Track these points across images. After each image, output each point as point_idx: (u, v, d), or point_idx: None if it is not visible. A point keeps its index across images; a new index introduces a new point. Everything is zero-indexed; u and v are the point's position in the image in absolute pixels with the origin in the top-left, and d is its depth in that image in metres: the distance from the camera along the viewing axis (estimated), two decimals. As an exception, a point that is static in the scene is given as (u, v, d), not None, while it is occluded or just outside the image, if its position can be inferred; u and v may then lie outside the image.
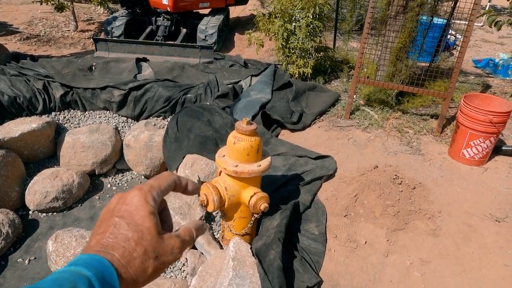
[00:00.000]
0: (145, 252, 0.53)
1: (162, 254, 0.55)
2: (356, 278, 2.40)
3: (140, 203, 0.56)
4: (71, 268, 0.47)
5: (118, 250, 0.51)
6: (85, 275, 0.46)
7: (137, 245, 0.53)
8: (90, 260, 0.49)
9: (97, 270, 0.47)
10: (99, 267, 0.48)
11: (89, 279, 0.46)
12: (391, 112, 4.27)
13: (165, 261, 0.55)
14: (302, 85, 4.72)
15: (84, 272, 0.46)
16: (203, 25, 7.09)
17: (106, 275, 0.48)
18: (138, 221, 0.54)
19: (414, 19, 4.00)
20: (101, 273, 0.47)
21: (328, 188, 3.15)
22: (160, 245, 0.55)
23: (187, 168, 3.51)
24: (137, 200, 0.56)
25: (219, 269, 2.47)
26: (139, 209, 0.55)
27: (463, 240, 2.63)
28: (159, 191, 0.59)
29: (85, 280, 0.45)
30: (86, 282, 0.45)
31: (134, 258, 0.52)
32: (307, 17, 4.74)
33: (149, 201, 0.56)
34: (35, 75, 4.91)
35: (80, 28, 8.40)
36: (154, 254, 0.54)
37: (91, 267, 0.47)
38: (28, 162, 4.33)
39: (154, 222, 0.55)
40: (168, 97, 4.74)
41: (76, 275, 0.46)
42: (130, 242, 0.52)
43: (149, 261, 0.53)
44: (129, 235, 0.53)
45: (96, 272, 0.47)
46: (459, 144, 3.42)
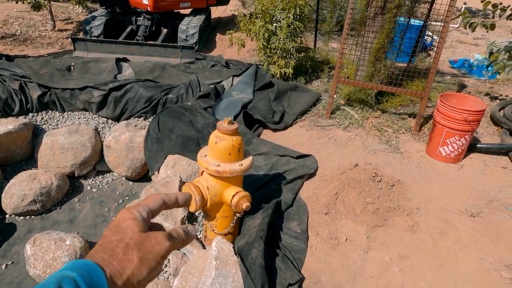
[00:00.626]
0: (127, 245, 0.55)
1: (146, 244, 0.56)
2: (337, 274, 2.44)
3: (125, 215, 0.60)
4: (57, 272, 0.49)
5: (101, 251, 0.54)
6: (70, 276, 0.48)
7: (119, 242, 0.55)
8: (75, 263, 0.50)
9: (82, 270, 0.49)
10: (84, 268, 0.49)
11: (74, 279, 0.47)
12: (370, 112, 4.35)
13: (150, 250, 0.56)
14: (283, 85, 4.76)
15: (69, 273, 0.48)
16: (184, 25, 7.06)
17: (93, 275, 0.49)
18: (121, 227, 0.58)
19: (392, 20, 4.09)
20: (86, 273, 0.49)
21: (310, 186, 3.19)
22: (141, 237, 0.57)
23: (169, 169, 3.49)
24: (122, 214, 0.60)
25: (201, 269, 2.47)
26: (124, 219, 0.59)
27: (440, 235, 2.70)
28: (147, 207, 0.63)
29: (69, 280, 0.47)
30: (71, 281, 0.47)
31: (116, 252, 0.53)
32: (288, 17, 4.78)
33: (134, 213, 0.60)
34: (11, 75, 4.79)
35: (58, 28, 8.23)
36: (136, 246, 0.55)
37: (76, 269, 0.49)
38: (4, 164, 4.23)
39: (137, 224, 0.58)
40: (149, 98, 4.70)
41: (61, 276, 0.48)
42: (113, 242, 0.55)
43: (132, 252, 0.54)
44: (113, 238, 0.56)
45: (81, 272, 0.48)
46: (436, 142, 3.51)
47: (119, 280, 0.52)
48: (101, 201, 4.08)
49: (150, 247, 0.56)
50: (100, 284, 0.49)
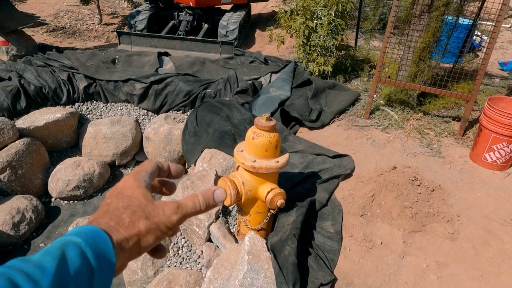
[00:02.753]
0: (133, 212, 0.53)
1: (154, 215, 0.54)
2: (371, 277, 2.39)
3: (130, 181, 0.58)
4: (60, 238, 0.48)
5: (106, 216, 0.52)
6: (74, 241, 0.46)
7: (125, 209, 0.53)
8: (79, 229, 0.49)
9: (87, 236, 0.47)
10: (90, 234, 0.48)
11: (79, 244, 0.46)
12: (411, 113, 4.21)
13: (157, 221, 0.54)
14: (322, 83, 4.70)
15: (74, 238, 0.47)
16: (224, 21, 7.13)
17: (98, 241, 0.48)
18: (127, 194, 0.56)
19: (439, 19, 3.93)
20: (91, 238, 0.47)
21: (345, 187, 3.14)
22: (149, 207, 0.55)
23: (205, 162, 3.55)
24: (126, 180, 0.59)
25: (234, 262, 2.50)
26: (128, 186, 0.57)
27: (482, 245, 2.58)
28: (147, 172, 0.61)
29: (73, 245, 0.46)
30: (75, 247, 0.46)
31: (122, 218, 0.52)
32: (329, 14, 4.71)
33: (139, 180, 0.59)
34: (60, 66, 5.03)
35: (104, 22, 8.55)
36: (143, 213, 0.54)
37: (82, 234, 0.48)
38: (51, 151, 4.46)
39: (143, 192, 0.57)
40: (188, 92, 4.79)
41: (65, 242, 0.46)
42: (119, 209, 0.53)
43: (139, 219, 0.53)
44: (119, 204, 0.54)
45: (86, 238, 0.47)
46: (482, 147, 3.35)
47: (126, 247, 0.51)
48: (139, 191, 4.22)
49: (157, 218, 0.54)
50: (106, 250, 0.48)
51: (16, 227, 3.46)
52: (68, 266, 0.44)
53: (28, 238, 3.57)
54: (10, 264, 0.42)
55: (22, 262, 0.42)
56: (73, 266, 0.44)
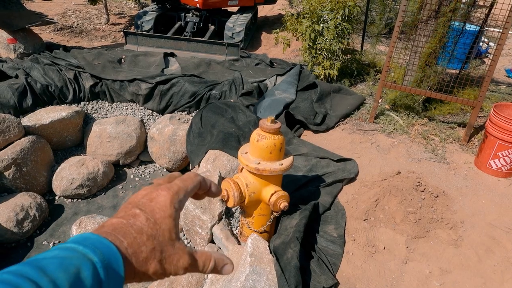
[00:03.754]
0: (153, 249, 0.52)
1: (167, 261, 0.53)
2: (373, 283, 2.38)
3: (166, 203, 0.55)
4: (78, 248, 0.46)
5: (128, 239, 0.50)
6: (91, 260, 0.45)
7: (148, 240, 0.52)
8: (98, 244, 0.47)
9: (103, 255, 0.46)
10: (106, 252, 0.47)
11: (94, 265, 0.45)
12: (417, 118, 4.20)
13: (167, 269, 0.53)
14: (327, 86, 4.70)
15: (91, 256, 0.45)
16: (231, 23, 7.15)
17: (112, 262, 0.47)
18: (157, 220, 0.54)
19: (446, 25, 3.92)
20: (107, 260, 0.46)
21: (349, 191, 3.14)
22: (169, 250, 0.54)
23: (209, 163, 3.55)
24: (163, 200, 0.55)
25: (236, 264, 2.50)
26: (162, 209, 0.54)
27: (486, 252, 2.57)
28: (186, 193, 0.58)
29: (90, 265, 0.45)
30: (91, 267, 0.45)
31: (141, 251, 0.51)
32: (335, 18, 4.71)
33: (174, 204, 0.56)
34: (67, 65, 5.06)
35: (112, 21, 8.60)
36: (160, 256, 0.53)
37: (98, 252, 0.46)
38: (56, 149, 4.49)
39: (172, 225, 0.55)
40: (193, 93, 4.81)
41: (82, 258, 0.45)
42: (142, 235, 0.51)
43: (153, 260, 0.52)
44: (144, 229, 0.52)
45: (102, 258, 0.46)
46: (487, 154, 3.33)
47: (129, 277, 0.50)
48: (143, 190, 4.23)
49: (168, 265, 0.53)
50: (116, 267, 0.47)
51: (20, 224, 3.47)
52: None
53: (31, 236, 3.59)
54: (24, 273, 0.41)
55: (38, 273, 0.41)
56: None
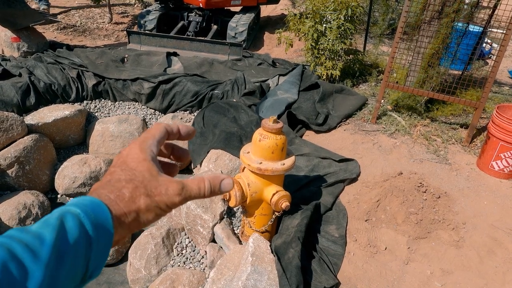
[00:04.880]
0: (135, 188, 0.52)
1: (156, 193, 0.53)
2: (374, 283, 2.38)
3: (136, 152, 0.56)
4: (59, 208, 0.47)
5: (107, 188, 0.51)
6: (73, 212, 0.46)
7: (127, 183, 0.52)
8: (80, 200, 0.48)
9: (86, 207, 0.47)
10: (89, 205, 0.47)
11: (77, 215, 0.45)
12: (419, 119, 4.20)
13: (158, 200, 0.53)
14: (329, 87, 4.70)
15: (73, 209, 0.46)
16: (233, 23, 7.15)
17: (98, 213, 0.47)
18: (131, 166, 0.54)
19: (449, 25, 3.92)
20: (90, 210, 0.47)
21: (351, 191, 3.14)
22: (152, 183, 0.53)
23: (211, 163, 3.56)
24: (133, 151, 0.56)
25: (237, 263, 2.51)
26: (134, 157, 0.55)
27: (487, 253, 2.57)
28: (154, 140, 0.59)
29: (72, 216, 0.45)
30: (74, 217, 0.45)
31: (123, 193, 0.51)
32: (338, 18, 4.71)
33: (145, 149, 0.56)
34: (70, 64, 5.08)
35: (115, 21, 8.62)
36: (145, 190, 0.52)
37: (81, 205, 0.47)
38: (59, 147, 4.50)
39: (150, 166, 0.55)
40: (196, 92, 4.81)
41: (64, 212, 0.46)
42: (121, 181, 0.52)
43: (139, 196, 0.52)
44: (121, 177, 0.53)
45: (85, 209, 0.46)
46: (489, 155, 3.33)
47: (124, 221, 0.50)
48: (145, 189, 4.24)
49: (158, 197, 0.53)
50: (105, 221, 0.47)
51: (22, 222, 3.49)
52: (66, 237, 0.44)
53: (33, 233, 3.60)
54: (9, 234, 0.42)
55: (21, 232, 0.42)
56: (72, 237, 0.44)
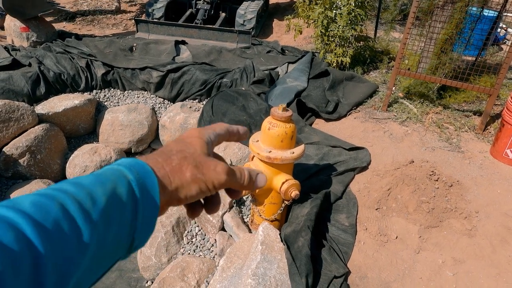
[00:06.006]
0: (184, 157, 0.52)
1: (204, 166, 0.53)
2: (385, 272, 2.37)
3: (193, 132, 0.58)
4: (114, 166, 0.48)
5: (158, 153, 0.53)
6: (127, 177, 0.46)
7: (178, 152, 0.53)
8: (134, 164, 0.48)
9: (138, 174, 0.47)
10: (141, 172, 0.47)
11: (130, 182, 0.46)
12: (431, 107, 4.13)
13: (206, 174, 0.53)
14: (339, 74, 4.63)
15: (127, 173, 0.46)
16: (242, 10, 7.07)
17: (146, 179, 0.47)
18: (186, 140, 0.56)
19: (463, 10, 3.81)
20: (142, 178, 0.47)
21: (361, 180, 3.11)
22: (202, 158, 0.54)
23: (220, 152, 3.55)
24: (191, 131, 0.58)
25: (247, 252, 2.51)
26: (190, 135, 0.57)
27: (500, 242, 2.53)
28: (214, 132, 0.60)
29: (125, 182, 0.45)
30: (126, 184, 0.45)
31: (172, 159, 0.51)
32: (349, 4, 4.62)
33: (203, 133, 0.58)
34: (79, 53, 5.08)
35: (123, 9, 8.58)
36: (194, 161, 0.52)
37: (134, 170, 0.47)
38: (69, 137, 4.54)
39: (203, 143, 0.56)
40: (204, 81, 4.79)
41: (118, 175, 0.46)
42: (172, 150, 0.53)
43: (187, 165, 0.52)
44: (173, 147, 0.54)
45: (137, 177, 0.47)
46: (503, 143, 3.26)
47: (168, 187, 0.50)
48: (154, 178, 4.26)
49: (206, 170, 0.53)
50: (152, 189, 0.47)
51: (35, 211, 3.53)
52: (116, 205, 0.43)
53: (46, 222, 3.65)
54: (63, 188, 0.41)
55: (76, 187, 0.42)
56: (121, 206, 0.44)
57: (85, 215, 0.40)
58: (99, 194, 0.42)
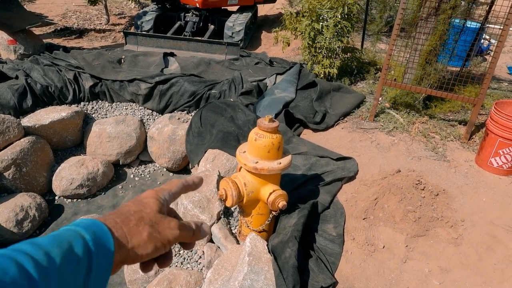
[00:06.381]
0: (141, 218, 0.56)
1: (159, 225, 0.57)
2: (372, 282, 2.37)
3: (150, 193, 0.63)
4: (71, 227, 0.50)
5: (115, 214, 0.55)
6: (83, 236, 0.48)
7: (135, 213, 0.57)
8: (91, 224, 0.51)
9: (95, 233, 0.49)
10: (98, 231, 0.50)
11: (86, 241, 0.48)
12: (417, 116, 4.18)
13: (161, 232, 0.57)
14: (327, 85, 4.68)
15: (84, 233, 0.49)
16: (230, 22, 7.13)
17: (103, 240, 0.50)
18: (143, 201, 0.60)
19: (446, 22, 3.90)
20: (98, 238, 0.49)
21: (348, 190, 3.12)
22: (157, 218, 0.58)
23: (208, 163, 3.54)
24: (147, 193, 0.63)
25: (234, 263, 2.49)
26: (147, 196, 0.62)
27: (486, 250, 2.55)
28: (170, 192, 0.65)
29: (81, 241, 0.48)
30: (82, 243, 0.47)
31: (129, 220, 0.55)
32: (335, 16, 4.69)
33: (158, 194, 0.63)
34: (66, 65, 5.07)
35: (112, 22, 8.60)
36: (150, 222, 0.56)
37: (90, 230, 0.49)
38: (56, 149, 4.49)
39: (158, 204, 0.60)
40: (193, 92, 4.80)
41: (75, 234, 0.48)
42: (129, 211, 0.57)
43: (144, 226, 0.55)
44: (131, 207, 0.58)
45: (93, 236, 0.49)
46: (487, 152, 3.31)
47: (124, 246, 0.52)
48: (143, 190, 4.23)
49: (161, 228, 0.57)
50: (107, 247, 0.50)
51: (19, 225, 3.47)
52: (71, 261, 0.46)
53: (31, 236, 3.58)
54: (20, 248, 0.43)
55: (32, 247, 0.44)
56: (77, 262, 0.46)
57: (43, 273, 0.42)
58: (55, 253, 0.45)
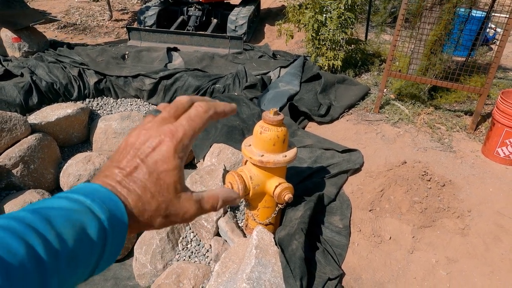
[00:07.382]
0: (157, 208, 0.50)
1: (173, 215, 0.52)
2: (379, 272, 2.38)
3: (169, 154, 0.50)
4: (86, 202, 0.44)
5: (133, 197, 0.49)
6: (99, 217, 0.44)
7: (152, 198, 0.50)
8: (107, 199, 0.46)
9: (110, 213, 0.45)
10: (113, 210, 0.45)
11: (102, 224, 0.44)
12: (422, 107, 4.16)
13: (173, 221, 0.53)
14: (331, 77, 4.66)
15: (99, 213, 0.44)
16: (233, 16, 7.11)
17: (118, 223, 0.46)
18: (160, 174, 0.50)
19: (451, 11, 3.86)
20: (114, 218, 0.45)
21: (354, 182, 3.12)
22: (174, 205, 0.52)
23: (214, 157, 3.56)
24: (166, 151, 0.50)
25: (241, 256, 2.51)
26: (165, 161, 0.50)
27: (493, 240, 2.55)
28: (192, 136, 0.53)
29: (96, 223, 0.43)
30: (98, 225, 0.43)
31: (145, 210, 0.49)
32: (339, 8, 4.66)
33: (178, 153, 0.51)
34: (71, 62, 5.08)
35: (115, 18, 8.60)
36: (165, 212, 0.51)
37: (106, 209, 0.45)
38: (63, 146, 4.52)
39: (177, 178, 0.51)
40: (197, 87, 4.80)
41: (89, 214, 0.43)
42: (146, 193, 0.49)
43: (158, 218, 0.51)
44: (148, 185, 0.49)
45: (109, 216, 0.44)
46: (494, 142, 3.29)
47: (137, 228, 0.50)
48: (149, 185, 4.25)
49: (175, 218, 0.52)
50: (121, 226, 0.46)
51: (28, 221, 3.51)
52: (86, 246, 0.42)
53: (40, 232, 3.62)
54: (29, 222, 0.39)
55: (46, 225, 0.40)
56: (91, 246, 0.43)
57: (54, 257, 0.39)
58: (68, 235, 0.41)
